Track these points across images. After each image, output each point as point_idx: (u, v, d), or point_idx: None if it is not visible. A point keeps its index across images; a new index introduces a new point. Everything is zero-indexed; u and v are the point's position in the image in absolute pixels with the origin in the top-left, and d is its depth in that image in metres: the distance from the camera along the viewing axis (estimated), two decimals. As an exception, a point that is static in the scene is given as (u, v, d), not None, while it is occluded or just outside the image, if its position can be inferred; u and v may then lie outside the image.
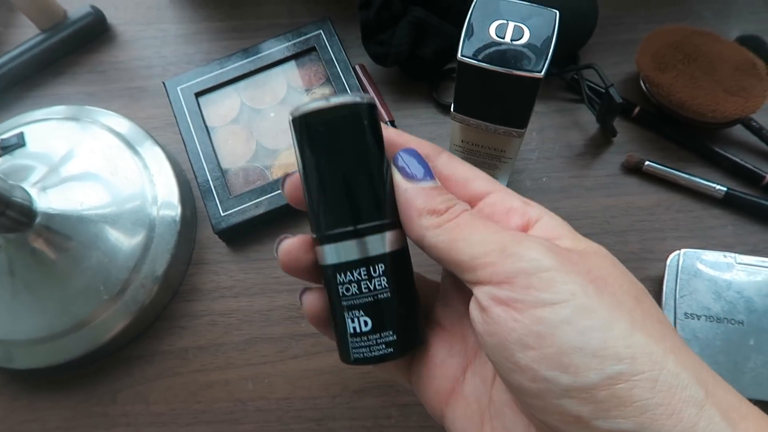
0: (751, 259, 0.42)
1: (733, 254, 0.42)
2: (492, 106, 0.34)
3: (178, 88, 0.50)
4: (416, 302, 0.27)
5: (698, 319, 0.41)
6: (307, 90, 0.50)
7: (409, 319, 0.26)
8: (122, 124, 0.49)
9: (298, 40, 0.51)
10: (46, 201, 0.43)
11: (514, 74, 0.30)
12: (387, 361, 0.25)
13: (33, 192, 0.43)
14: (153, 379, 0.44)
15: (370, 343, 0.25)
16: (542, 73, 0.30)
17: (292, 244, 0.27)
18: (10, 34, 0.58)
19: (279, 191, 0.46)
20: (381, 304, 0.25)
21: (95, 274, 0.43)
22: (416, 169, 0.25)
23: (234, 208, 0.46)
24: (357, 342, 0.25)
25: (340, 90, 0.49)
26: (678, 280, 0.42)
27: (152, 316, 0.45)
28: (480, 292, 0.22)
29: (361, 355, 0.25)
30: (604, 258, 0.23)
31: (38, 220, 0.43)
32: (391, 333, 0.25)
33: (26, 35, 0.55)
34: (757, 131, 0.47)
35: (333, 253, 0.25)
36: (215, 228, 0.46)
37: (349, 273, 0.25)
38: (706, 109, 0.44)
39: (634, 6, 0.54)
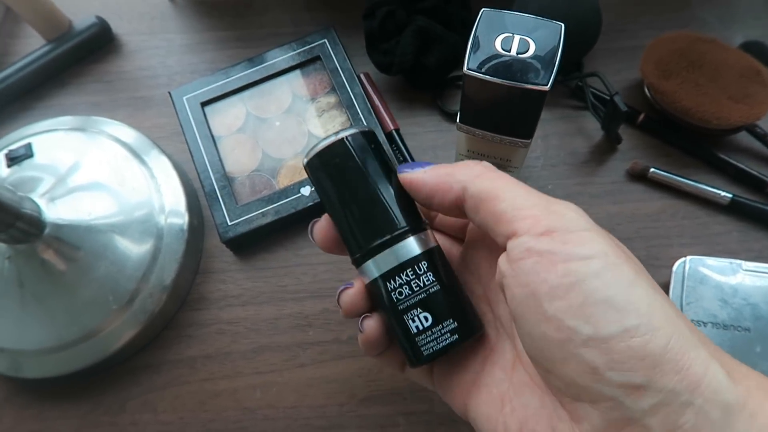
0: (757, 266, 0.42)
1: (738, 261, 0.42)
2: (498, 117, 0.34)
3: (184, 98, 0.50)
4: (464, 292, 0.29)
5: (705, 326, 0.41)
6: (312, 99, 0.51)
7: (464, 307, 0.28)
8: (128, 134, 0.50)
9: (302, 49, 0.52)
10: (55, 212, 0.44)
11: (520, 87, 0.30)
12: (455, 348, 0.27)
13: (41, 203, 0.44)
14: (161, 388, 0.44)
15: (435, 335, 0.27)
16: (548, 86, 0.30)
17: (352, 294, 0.29)
18: (15, 45, 0.58)
19: (285, 200, 0.46)
20: (434, 297, 0.27)
21: (104, 284, 0.43)
22: (419, 165, 0.28)
23: (241, 217, 0.46)
24: (423, 339, 0.27)
25: (345, 99, 0.49)
26: (684, 287, 0.42)
27: (160, 326, 0.46)
28: (514, 244, 0.23)
29: (431, 349, 0.27)
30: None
31: (47, 230, 0.43)
32: (451, 321, 0.27)
33: (32, 46, 0.56)
34: (761, 138, 0.47)
35: (374, 267, 0.28)
36: (222, 237, 0.46)
37: (396, 278, 0.27)
38: (711, 116, 0.44)
39: (637, 13, 0.54)
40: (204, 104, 0.50)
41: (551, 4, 0.45)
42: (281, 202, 0.46)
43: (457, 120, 0.36)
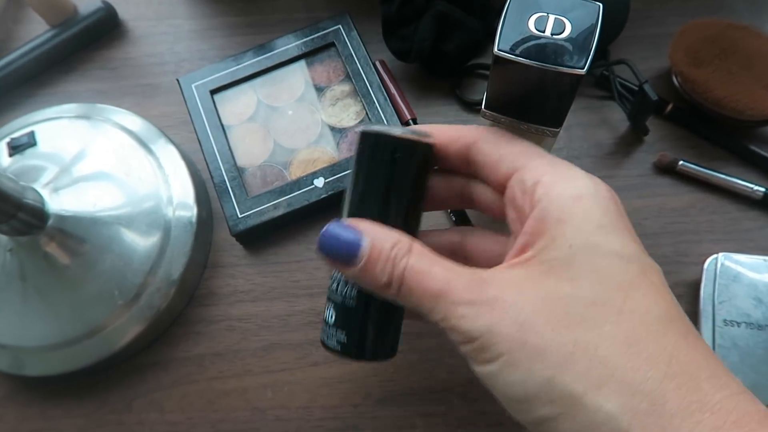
0: (793, 264, 0.40)
1: (773, 258, 0.40)
2: (527, 103, 0.32)
3: (193, 86, 0.49)
4: (383, 327, 0.30)
5: (738, 326, 0.39)
6: (326, 87, 0.49)
7: (365, 334, 0.30)
8: (135, 122, 0.48)
9: (316, 35, 0.50)
10: (59, 202, 0.42)
11: (554, 70, 0.28)
12: (337, 355, 0.30)
13: (45, 193, 0.42)
14: (168, 387, 0.43)
15: (330, 332, 0.30)
16: (585, 69, 0.28)
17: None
18: (19, 31, 0.56)
19: (298, 192, 0.44)
20: (344, 306, 0.30)
21: (110, 279, 0.42)
22: (338, 252, 0.26)
23: (252, 209, 0.44)
24: (324, 327, 0.31)
25: (360, 87, 0.47)
26: (716, 285, 0.40)
27: (168, 322, 0.44)
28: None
29: (323, 338, 0.31)
30: (587, 260, 0.24)
31: (50, 222, 0.41)
32: (344, 334, 0.30)
33: (36, 31, 0.54)
34: (795, 129, 0.45)
35: None
36: (232, 230, 0.44)
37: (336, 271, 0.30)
38: (744, 107, 0.42)
39: (663, -1, 0.52)
40: (213, 92, 0.49)
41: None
42: (293, 194, 0.45)
43: (482, 106, 0.34)
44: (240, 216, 0.44)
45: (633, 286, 0.22)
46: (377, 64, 0.49)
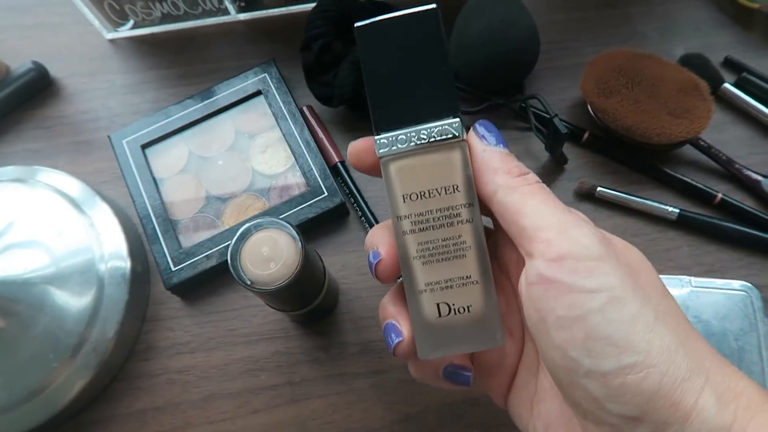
0: (706, 281, 0.41)
1: (688, 277, 0.42)
2: (407, 90, 0.28)
3: (124, 141, 0.49)
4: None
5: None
6: (255, 134, 0.50)
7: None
8: (68, 183, 0.48)
9: (243, 84, 0.51)
10: (-11, 269, 0.42)
11: (410, 13, 0.26)
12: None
13: (-26, 261, 0.42)
14: (111, 445, 0.43)
15: None
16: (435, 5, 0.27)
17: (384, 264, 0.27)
18: (-48, 94, 0.57)
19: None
20: None
21: (44, 341, 0.42)
22: (492, 137, 0.27)
23: (185, 261, 0.45)
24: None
25: (287, 133, 0.49)
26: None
27: (108, 378, 0.44)
28: (531, 267, 0.24)
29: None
30: (639, 254, 0.26)
31: (-20, 289, 0.41)
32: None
33: (-32, 95, 0.54)
34: (705, 150, 0.47)
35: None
36: (166, 284, 0.45)
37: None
38: (652, 133, 0.44)
39: (577, 29, 0.54)
40: (144, 146, 0.49)
41: (488, 27, 0.45)
42: (227, 243, 0.45)
43: (375, 139, 0.27)
44: (174, 269, 0.45)
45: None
46: (304, 109, 0.51)
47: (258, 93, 0.51)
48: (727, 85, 0.51)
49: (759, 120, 0.50)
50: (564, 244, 0.23)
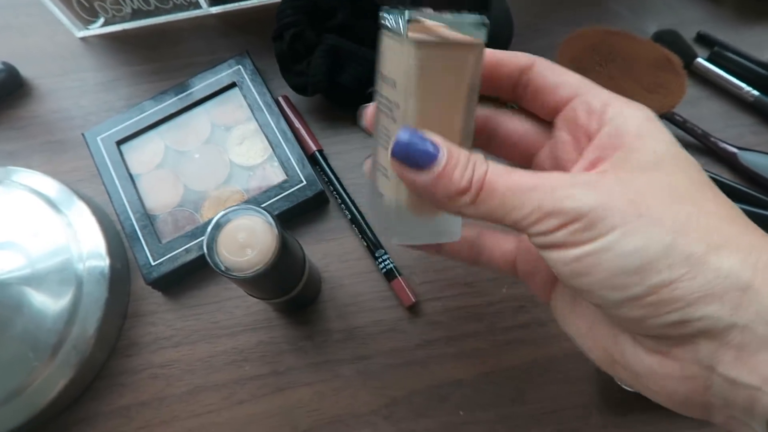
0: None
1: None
2: None
3: (98, 139, 0.49)
4: None
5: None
6: (232, 127, 0.49)
7: None
8: (44, 183, 0.48)
9: (218, 77, 0.50)
10: (-36, 271, 0.42)
11: None
12: None
13: (-51, 263, 0.42)
14: (96, 443, 0.43)
15: None
16: None
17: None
18: None
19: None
20: None
21: (23, 341, 0.42)
22: (418, 156, 0.24)
23: (164, 255, 0.45)
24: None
25: (263, 124, 0.48)
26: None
27: (90, 376, 0.44)
28: (534, 241, 0.24)
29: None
30: (674, 161, 0.24)
31: (-44, 292, 0.41)
32: None
33: (-62, 98, 0.53)
34: (681, 125, 0.48)
35: None
36: (146, 279, 0.44)
37: None
38: (626, 109, 0.44)
39: (550, 10, 0.54)
40: (119, 143, 0.49)
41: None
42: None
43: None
44: (153, 264, 0.45)
45: (711, 186, 0.24)
46: (280, 100, 0.50)
47: (233, 85, 0.50)
48: (700, 60, 0.51)
49: (733, 93, 0.50)
50: (552, 219, 0.23)
